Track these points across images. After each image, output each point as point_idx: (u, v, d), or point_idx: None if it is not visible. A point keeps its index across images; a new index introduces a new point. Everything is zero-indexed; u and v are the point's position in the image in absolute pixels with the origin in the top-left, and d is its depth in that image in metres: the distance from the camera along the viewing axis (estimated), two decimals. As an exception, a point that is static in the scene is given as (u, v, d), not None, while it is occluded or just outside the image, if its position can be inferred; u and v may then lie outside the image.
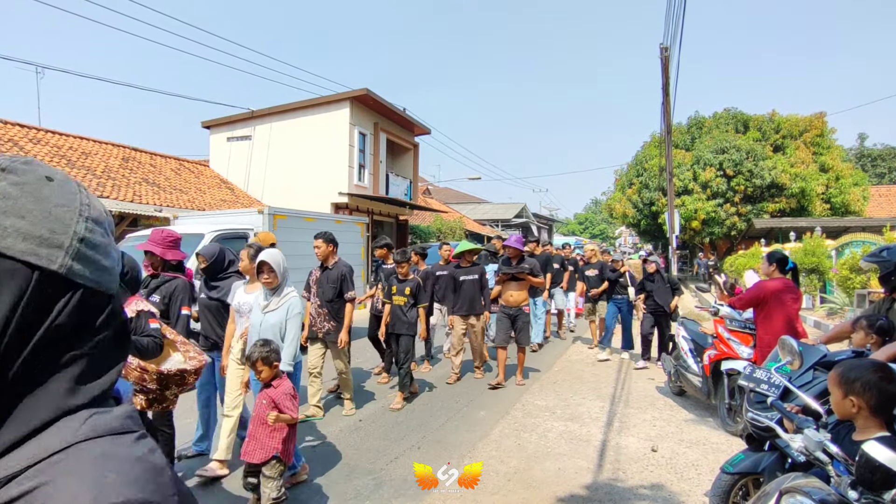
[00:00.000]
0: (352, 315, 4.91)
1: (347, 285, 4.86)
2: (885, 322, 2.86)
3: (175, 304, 3.56)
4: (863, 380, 1.72)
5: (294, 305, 3.51)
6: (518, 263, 6.09)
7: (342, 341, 4.80)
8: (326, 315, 4.86)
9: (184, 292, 3.61)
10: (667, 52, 12.46)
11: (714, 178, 20.53)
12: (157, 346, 2.71)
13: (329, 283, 4.87)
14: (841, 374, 1.79)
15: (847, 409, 1.75)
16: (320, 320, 4.89)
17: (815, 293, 11.72)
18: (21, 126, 12.76)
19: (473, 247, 6.39)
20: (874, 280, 8.90)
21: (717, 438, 4.44)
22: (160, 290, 3.57)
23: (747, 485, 2.64)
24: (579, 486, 3.55)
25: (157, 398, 2.78)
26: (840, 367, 1.83)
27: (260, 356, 3.04)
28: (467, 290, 6.12)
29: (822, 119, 23.39)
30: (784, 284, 4.22)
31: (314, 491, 3.48)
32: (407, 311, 5.39)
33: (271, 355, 3.07)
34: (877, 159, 40.22)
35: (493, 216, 38.36)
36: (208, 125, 19.20)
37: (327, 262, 4.94)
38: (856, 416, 1.74)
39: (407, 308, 5.40)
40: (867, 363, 1.84)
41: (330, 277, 4.88)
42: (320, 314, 4.90)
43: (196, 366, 2.89)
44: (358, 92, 17.00)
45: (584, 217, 75.16)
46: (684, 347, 5.43)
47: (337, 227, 8.46)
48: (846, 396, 1.74)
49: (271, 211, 7.45)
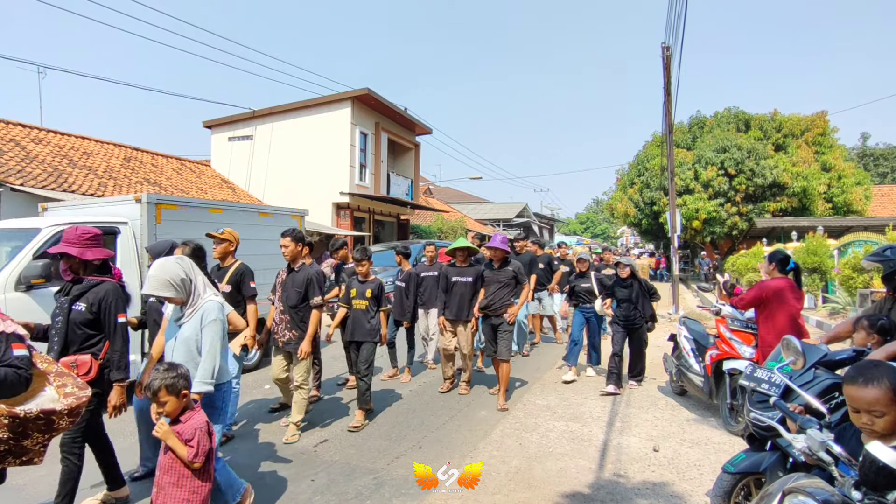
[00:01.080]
0: (317, 323, 4.44)
1: (314, 290, 4.40)
2: (885, 322, 2.85)
3: (107, 312, 3.04)
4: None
5: (209, 311, 2.84)
6: (501, 267, 5.46)
7: (303, 352, 4.31)
8: (289, 322, 4.41)
9: (115, 296, 3.09)
10: (668, 51, 12.43)
11: (715, 178, 20.50)
12: (19, 380, 2.04)
13: (294, 287, 4.40)
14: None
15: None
16: (282, 327, 4.45)
17: (817, 293, 11.70)
18: (23, 126, 12.78)
19: (469, 245, 5.71)
20: (877, 280, 8.89)
21: (719, 438, 4.43)
22: (85, 298, 3.03)
23: (749, 485, 2.64)
24: (581, 486, 3.55)
25: (11, 450, 2.01)
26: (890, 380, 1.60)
27: (163, 384, 2.40)
28: (458, 293, 5.54)
29: (823, 118, 23.36)
30: (786, 284, 4.21)
31: (315, 491, 3.48)
32: (369, 317, 4.80)
33: (178, 382, 2.43)
34: (879, 158, 40.17)
35: (494, 216, 38.35)
36: (210, 125, 19.23)
37: (294, 264, 4.50)
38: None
39: (371, 314, 4.82)
40: None
41: (296, 280, 4.42)
42: (282, 321, 4.45)
43: (71, 405, 2.17)
44: (359, 92, 17.01)
45: (586, 217, 75.05)
46: (686, 347, 5.42)
47: (262, 220, 7.32)
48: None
49: (152, 199, 5.82)
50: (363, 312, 4.81)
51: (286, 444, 4.28)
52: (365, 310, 4.81)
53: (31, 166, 10.67)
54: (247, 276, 4.51)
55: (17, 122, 12.70)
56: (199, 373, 2.71)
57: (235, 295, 4.40)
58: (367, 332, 4.77)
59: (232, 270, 4.48)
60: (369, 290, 4.83)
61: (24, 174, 10.02)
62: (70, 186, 10.48)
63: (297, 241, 4.44)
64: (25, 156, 11.12)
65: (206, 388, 2.70)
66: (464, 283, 5.55)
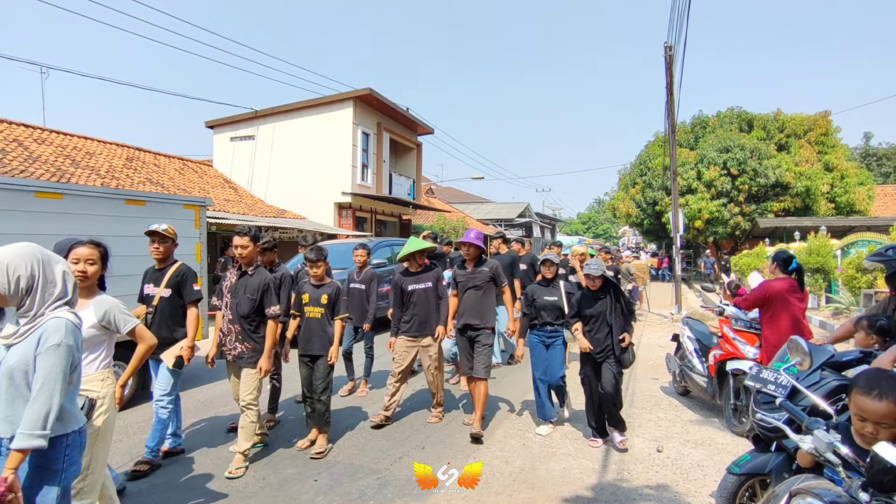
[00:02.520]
0: (275, 335, 3.91)
1: (270, 297, 3.89)
2: (885, 322, 2.85)
3: None
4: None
5: (52, 331, 1.95)
6: (476, 267, 4.67)
7: (262, 369, 3.82)
8: (238, 333, 3.87)
9: None
10: (671, 50, 12.41)
11: (718, 178, 20.46)
12: None
13: (247, 294, 3.87)
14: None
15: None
16: (230, 339, 3.89)
17: (820, 293, 11.67)
18: (26, 126, 12.83)
19: (424, 246, 4.76)
20: (881, 280, 8.86)
21: (723, 439, 4.42)
22: None
23: (754, 486, 2.63)
24: (584, 487, 3.54)
25: None
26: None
27: None
28: (419, 303, 4.67)
29: (826, 118, 23.30)
30: (789, 284, 4.19)
31: (318, 491, 3.48)
32: (325, 327, 4.22)
33: None
34: (882, 158, 40.03)
35: (496, 216, 38.33)
36: (212, 125, 19.27)
37: (248, 267, 3.97)
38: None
39: (327, 323, 4.24)
40: None
41: (249, 286, 3.89)
42: (231, 331, 3.89)
43: None
44: (361, 91, 17.02)
45: (588, 217, 75.06)
46: (689, 347, 5.40)
47: (131, 211, 5.46)
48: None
49: None
50: (318, 322, 4.22)
51: (229, 479, 3.64)
52: (320, 318, 4.22)
53: (34, 166, 10.70)
54: (190, 277, 4.03)
55: (20, 123, 12.75)
56: (25, 420, 1.86)
57: (176, 299, 3.98)
58: (324, 345, 4.18)
59: (172, 272, 4.00)
60: (325, 295, 4.24)
61: (28, 174, 10.04)
62: (73, 186, 10.49)
63: (255, 240, 4.00)
64: (28, 156, 11.15)
65: (34, 444, 1.83)
66: (423, 290, 4.70)
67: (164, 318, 3.95)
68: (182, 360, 3.84)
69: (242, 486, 3.53)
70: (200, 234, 6.23)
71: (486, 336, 4.54)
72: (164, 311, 3.96)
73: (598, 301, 4.23)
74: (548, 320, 4.59)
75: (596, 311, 4.22)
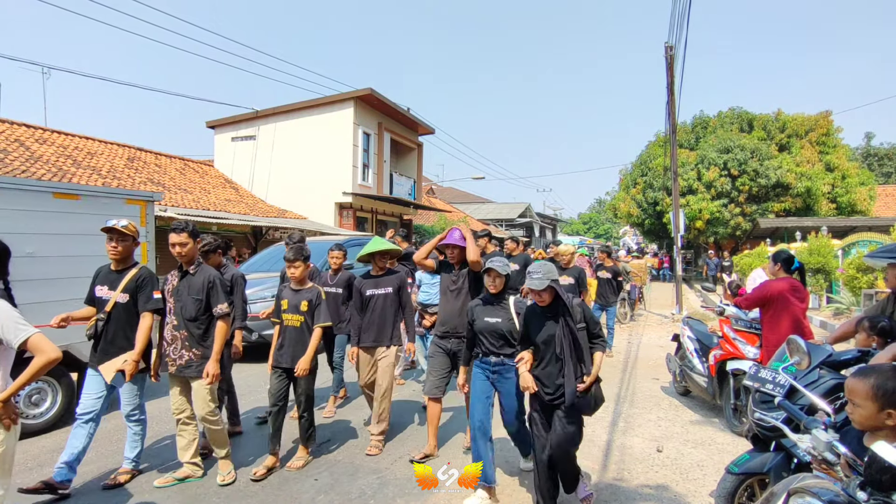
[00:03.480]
0: (225, 337, 3.56)
1: (218, 295, 3.53)
2: (886, 324, 2.85)
3: None
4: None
5: None
6: (462, 270, 4.04)
7: (209, 373, 3.43)
8: (185, 340, 3.50)
9: None
10: (672, 51, 12.41)
11: (718, 178, 20.46)
12: None
13: (191, 295, 3.52)
14: (877, 387, 1.67)
15: (881, 422, 1.65)
16: (175, 347, 3.52)
17: (821, 293, 11.67)
18: (27, 126, 12.86)
19: (386, 247, 4.35)
20: (881, 280, 8.85)
21: (723, 439, 4.42)
22: None
23: (753, 485, 2.63)
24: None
25: None
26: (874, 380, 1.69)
27: None
28: (377, 309, 4.26)
29: (827, 118, 23.29)
30: (790, 284, 4.19)
31: (318, 490, 3.49)
32: (306, 336, 3.84)
33: None
34: (883, 158, 39.99)
35: (497, 216, 38.35)
36: (213, 125, 19.31)
37: (189, 266, 3.60)
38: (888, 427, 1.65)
39: (308, 332, 3.87)
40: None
41: (192, 286, 3.54)
42: (176, 339, 3.52)
43: None
44: (362, 92, 17.04)
45: (589, 217, 75.00)
46: (689, 347, 5.41)
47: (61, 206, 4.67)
48: (883, 409, 1.64)
49: None
50: (296, 331, 3.81)
51: (221, 487, 3.50)
52: (299, 327, 3.82)
53: (35, 166, 10.72)
54: (150, 283, 3.61)
55: (21, 123, 12.79)
56: None
57: (132, 307, 3.56)
58: (299, 357, 3.80)
59: (131, 275, 3.57)
60: (304, 301, 3.82)
61: (29, 174, 10.07)
62: (74, 186, 10.51)
63: (194, 235, 3.59)
64: (30, 156, 11.17)
65: None
66: (382, 295, 4.29)
67: (119, 326, 3.54)
68: (122, 376, 3.39)
69: (243, 486, 3.54)
70: (147, 233, 5.50)
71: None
72: (120, 318, 3.54)
73: (548, 322, 3.02)
74: (490, 348, 3.38)
75: (545, 336, 3.02)
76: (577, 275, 6.49)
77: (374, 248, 4.32)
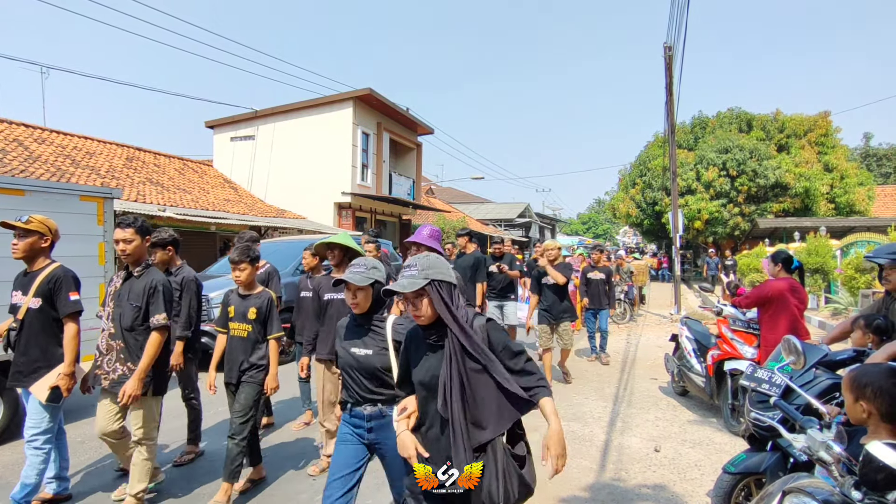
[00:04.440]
0: (156, 351, 3.03)
1: (157, 303, 3.06)
2: (882, 321, 2.86)
3: None
4: (875, 385, 1.67)
5: None
6: None
7: (126, 394, 2.90)
8: (121, 351, 3.07)
9: None
10: (670, 51, 12.42)
11: (717, 178, 20.48)
12: None
13: (130, 300, 3.06)
14: (854, 378, 1.74)
15: (857, 414, 1.71)
16: (110, 359, 3.09)
17: (819, 293, 11.68)
18: (26, 126, 12.85)
19: (346, 242, 3.57)
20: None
21: (720, 439, 4.43)
22: None
23: (749, 485, 2.64)
24: (582, 487, 3.55)
25: None
26: (853, 372, 1.78)
27: None
28: (333, 317, 3.67)
29: (826, 118, 23.33)
30: (789, 284, 4.20)
31: (316, 490, 3.49)
32: (252, 348, 3.36)
33: None
34: (882, 159, 40.05)
35: (496, 216, 38.36)
36: (212, 125, 19.30)
37: (135, 267, 3.15)
38: (866, 421, 1.71)
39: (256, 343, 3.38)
40: (884, 368, 1.78)
41: (133, 290, 3.08)
42: (111, 348, 3.10)
43: None
44: (361, 92, 17.04)
45: (588, 217, 75.02)
46: (687, 347, 5.42)
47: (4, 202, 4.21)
48: (857, 401, 1.70)
49: None
50: (242, 342, 3.37)
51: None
52: (246, 337, 3.37)
53: (34, 166, 10.71)
54: (65, 284, 3.11)
55: (20, 122, 12.77)
56: None
57: (48, 311, 3.09)
58: (249, 370, 3.35)
59: (43, 276, 3.09)
60: (253, 308, 3.36)
61: (28, 174, 10.06)
62: (73, 186, 10.51)
63: (143, 232, 3.21)
64: (28, 156, 11.16)
65: None
66: (342, 301, 3.63)
67: (32, 334, 3.08)
68: (59, 392, 3.02)
69: (238, 485, 3.53)
70: (105, 232, 5.07)
71: None
72: (33, 326, 3.08)
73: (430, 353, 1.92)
74: (360, 393, 2.34)
75: (427, 376, 1.91)
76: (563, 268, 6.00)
77: (333, 239, 3.59)
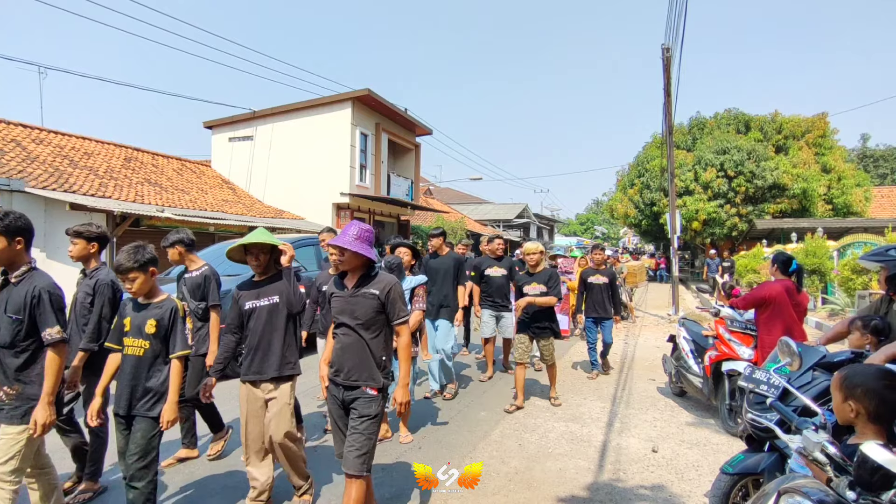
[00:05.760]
0: (58, 372, 2.54)
1: (46, 316, 2.52)
2: (879, 322, 2.88)
3: None
4: (864, 386, 1.70)
5: None
6: (359, 286, 2.78)
7: (38, 425, 2.46)
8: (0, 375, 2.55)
9: None
10: (668, 52, 12.44)
11: (715, 179, 20.52)
12: None
13: (8, 312, 2.53)
14: (843, 378, 1.76)
15: (846, 414, 1.74)
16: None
17: (816, 294, 11.72)
18: (24, 126, 12.81)
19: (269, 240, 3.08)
20: (876, 281, 8.90)
21: (718, 439, 4.45)
22: None
23: (747, 485, 2.65)
24: (580, 487, 3.56)
25: None
26: (843, 371, 1.80)
27: None
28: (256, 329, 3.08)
29: (824, 119, 23.40)
30: (785, 286, 4.22)
31: (315, 491, 3.49)
32: (146, 370, 2.73)
33: None
34: (879, 160, 40.18)
35: (494, 216, 38.37)
36: (210, 125, 19.26)
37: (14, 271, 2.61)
38: (854, 421, 1.73)
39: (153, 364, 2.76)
40: (873, 369, 1.80)
41: (12, 300, 2.54)
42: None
43: None
44: (359, 92, 17.04)
45: (586, 217, 75.03)
46: (685, 348, 5.44)
47: None
48: (846, 401, 1.73)
49: None
50: (136, 361, 2.74)
51: None
52: (141, 356, 2.74)
53: (32, 166, 10.69)
54: None
55: (18, 123, 12.74)
56: None
57: None
58: (148, 399, 2.71)
59: None
60: (152, 320, 2.74)
61: (25, 174, 10.04)
62: (71, 187, 10.51)
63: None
64: (26, 156, 11.14)
65: None
66: (266, 308, 3.09)
67: None
68: None
69: (236, 484, 3.54)
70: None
71: (364, 402, 2.70)
72: None
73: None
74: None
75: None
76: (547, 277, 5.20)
77: (250, 240, 3.06)
